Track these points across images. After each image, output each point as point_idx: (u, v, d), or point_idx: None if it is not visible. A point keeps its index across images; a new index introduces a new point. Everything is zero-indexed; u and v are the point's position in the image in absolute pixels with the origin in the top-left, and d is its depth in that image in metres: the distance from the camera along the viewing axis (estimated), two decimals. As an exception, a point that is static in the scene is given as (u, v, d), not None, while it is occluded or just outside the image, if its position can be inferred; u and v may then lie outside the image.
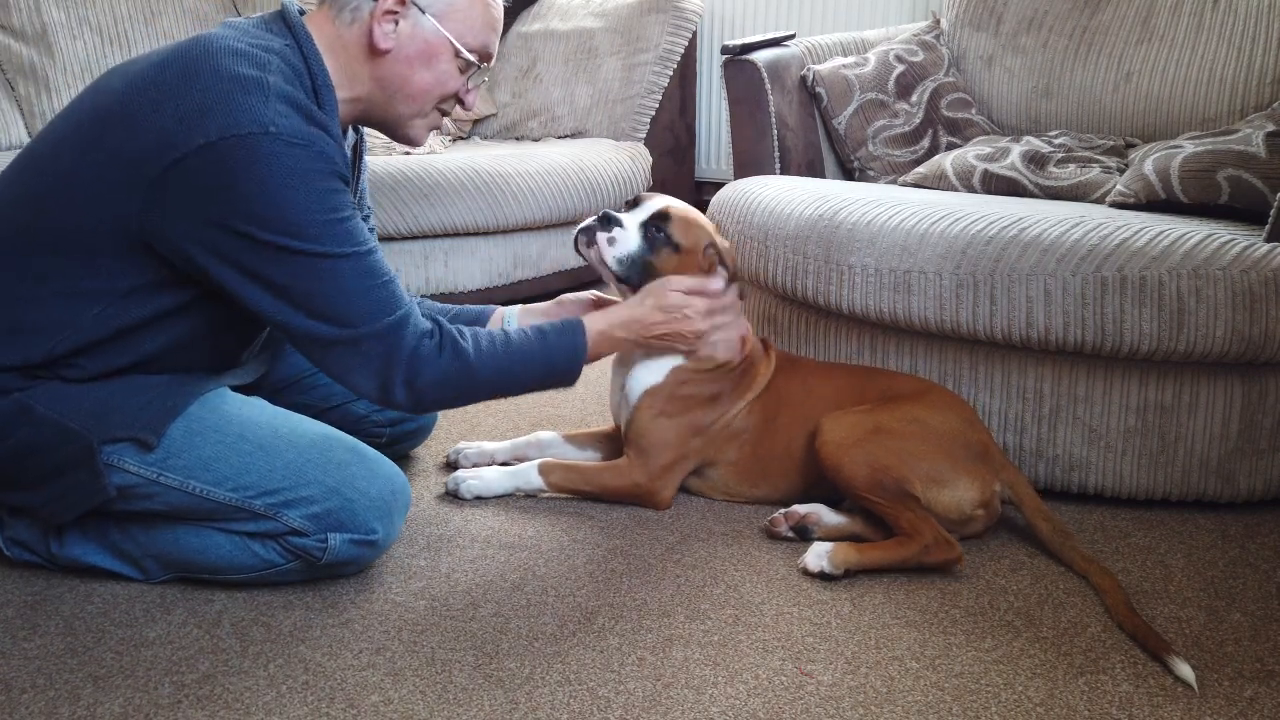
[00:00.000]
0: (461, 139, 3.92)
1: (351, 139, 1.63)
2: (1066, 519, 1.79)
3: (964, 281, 1.79)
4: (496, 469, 1.87)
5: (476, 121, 3.98)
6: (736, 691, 1.29)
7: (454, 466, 1.97)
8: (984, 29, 2.87)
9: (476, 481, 1.83)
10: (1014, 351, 1.85)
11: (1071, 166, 2.35)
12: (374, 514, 1.48)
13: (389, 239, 2.99)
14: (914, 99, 2.74)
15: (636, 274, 1.76)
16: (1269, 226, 1.74)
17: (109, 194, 1.35)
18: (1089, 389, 1.80)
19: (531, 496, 1.85)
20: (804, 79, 2.72)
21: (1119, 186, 2.17)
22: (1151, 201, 2.08)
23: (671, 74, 3.79)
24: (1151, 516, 1.82)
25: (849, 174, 2.76)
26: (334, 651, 1.36)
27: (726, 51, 2.67)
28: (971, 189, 2.39)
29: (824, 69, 2.73)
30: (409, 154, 3.28)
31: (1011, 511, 1.72)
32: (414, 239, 3.05)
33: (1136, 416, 1.79)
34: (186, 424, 1.44)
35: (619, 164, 3.53)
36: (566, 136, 3.81)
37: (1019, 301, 1.75)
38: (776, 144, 2.61)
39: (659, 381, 1.80)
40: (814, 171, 2.71)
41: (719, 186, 3.56)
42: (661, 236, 1.76)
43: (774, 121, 2.61)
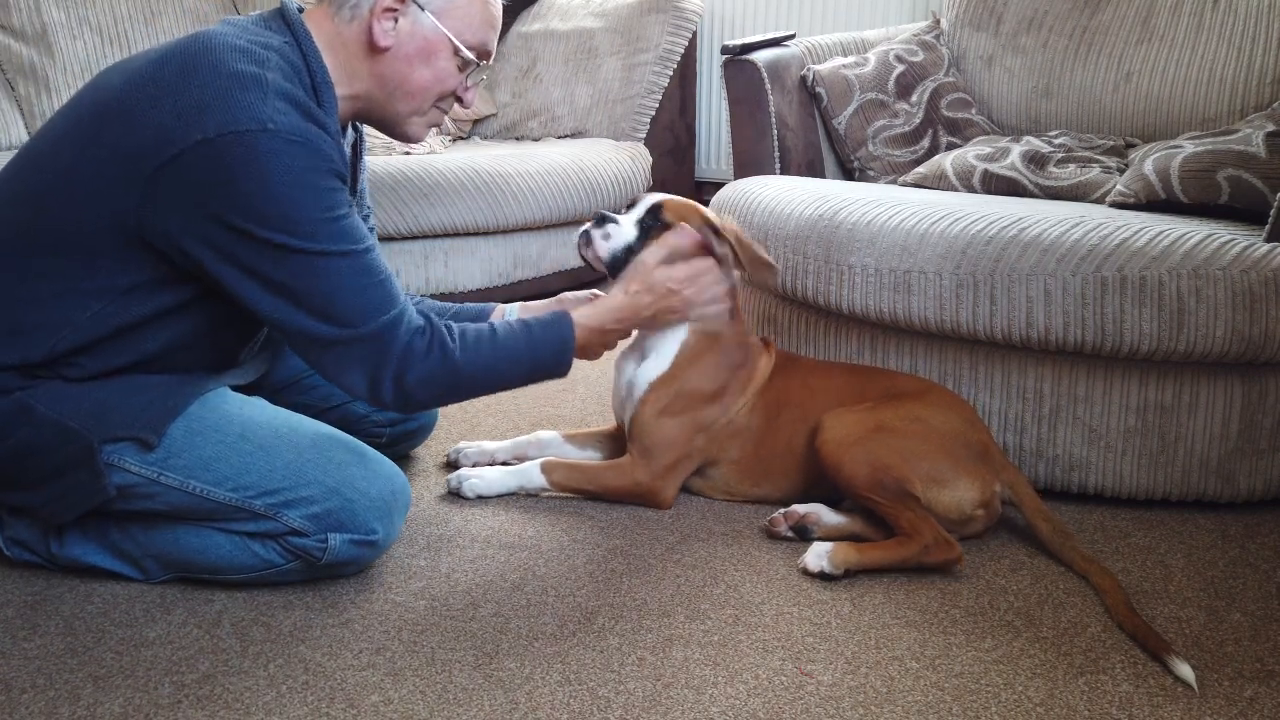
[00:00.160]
0: (461, 139, 3.91)
1: (351, 137, 1.63)
2: (1066, 519, 1.79)
3: (964, 281, 1.79)
4: (499, 468, 1.87)
5: (476, 121, 3.98)
6: (736, 691, 1.29)
7: (454, 466, 1.97)
8: (984, 29, 2.87)
9: (479, 480, 1.84)
10: (1014, 351, 1.85)
11: (1071, 166, 2.35)
12: (374, 514, 1.48)
13: (389, 239, 2.99)
14: (914, 99, 2.74)
15: None
16: (1269, 226, 1.74)
17: (108, 190, 1.35)
18: (1089, 389, 1.80)
19: (533, 496, 1.85)
20: (804, 79, 2.72)
21: (1119, 186, 2.17)
22: (1151, 201, 2.08)
23: (671, 74, 3.79)
24: (1151, 516, 1.82)
25: (849, 174, 2.76)
26: (334, 651, 1.36)
27: (726, 51, 2.67)
28: (971, 189, 2.39)
29: (824, 69, 2.73)
30: (409, 154, 3.28)
31: (1011, 511, 1.72)
32: (414, 239, 3.05)
33: (1136, 416, 1.79)
34: (187, 424, 1.44)
35: (619, 164, 3.53)
36: (566, 136, 3.81)
37: (1019, 301, 1.75)
38: (776, 144, 2.61)
39: (666, 370, 1.80)
40: (814, 171, 2.71)
41: (719, 186, 3.57)
42: (657, 225, 1.78)
43: (774, 121, 2.61)
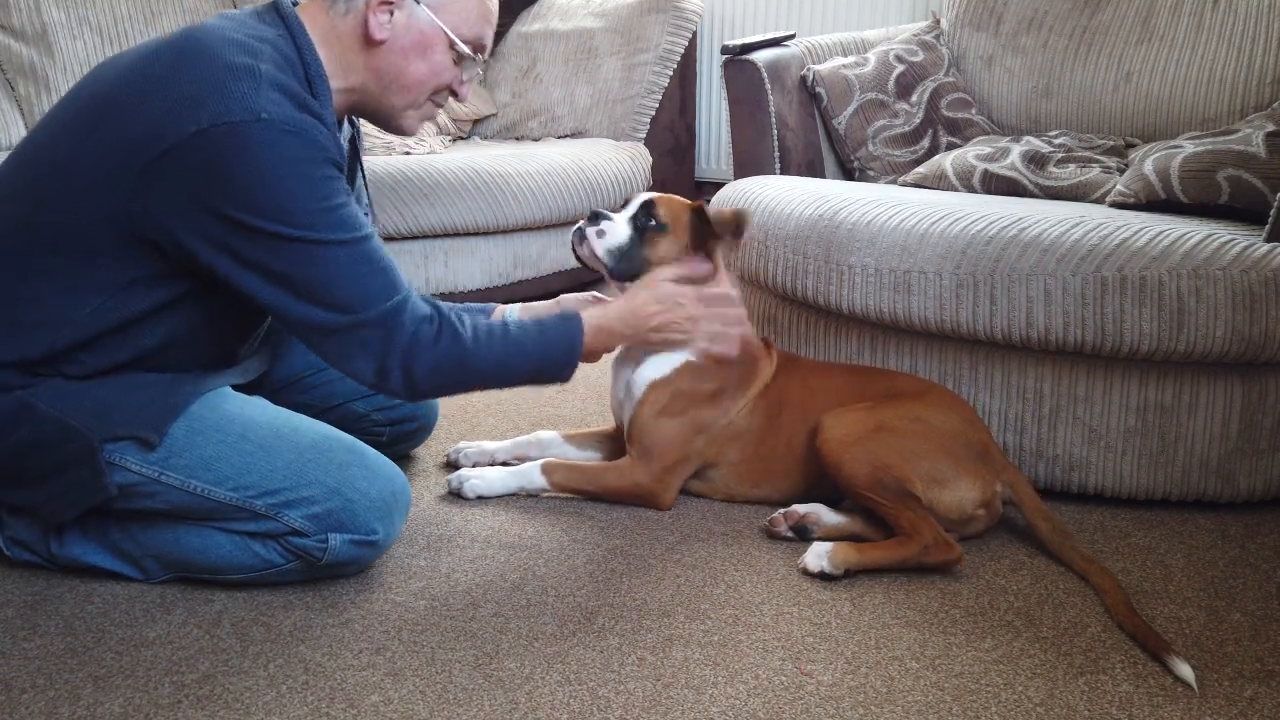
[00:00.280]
0: (461, 139, 3.91)
1: (347, 132, 1.63)
2: (1066, 519, 1.79)
3: (964, 281, 1.79)
4: (499, 468, 1.87)
5: (476, 121, 3.98)
6: (736, 691, 1.29)
7: (454, 466, 1.97)
8: (984, 29, 2.87)
9: (479, 481, 1.84)
10: (1014, 351, 1.85)
11: (1071, 166, 2.35)
12: (374, 514, 1.48)
13: (389, 239, 2.99)
14: (914, 99, 2.74)
15: (629, 265, 1.79)
16: (1269, 226, 1.74)
17: (105, 182, 1.34)
18: (1089, 389, 1.80)
19: (533, 496, 1.85)
20: (804, 79, 2.72)
21: (1119, 186, 2.17)
22: (1151, 201, 2.08)
23: (671, 74, 3.79)
24: (1151, 516, 1.82)
25: (849, 174, 2.76)
26: (334, 651, 1.36)
27: (726, 51, 2.67)
28: (971, 189, 2.39)
29: (824, 69, 2.73)
30: (409, 154, 3.28)
31: (1011, 511, 1.72)
32: (414, 239, 3.05)
33: (1136, 416, 1.79)
34: (188, 423, 1.44)
35: (619, 164, 3.53)
36: (566, 136, 3.81)
37: (1019, 301, 1.75)
38: (776, 144, 2.61)
39: (665, 375, 1.80)
40: (814, 171, 2.71)
41: (719, 186, 3.56)
42: (651, 223, 1.79)
43: (774, 121, 2.61)
